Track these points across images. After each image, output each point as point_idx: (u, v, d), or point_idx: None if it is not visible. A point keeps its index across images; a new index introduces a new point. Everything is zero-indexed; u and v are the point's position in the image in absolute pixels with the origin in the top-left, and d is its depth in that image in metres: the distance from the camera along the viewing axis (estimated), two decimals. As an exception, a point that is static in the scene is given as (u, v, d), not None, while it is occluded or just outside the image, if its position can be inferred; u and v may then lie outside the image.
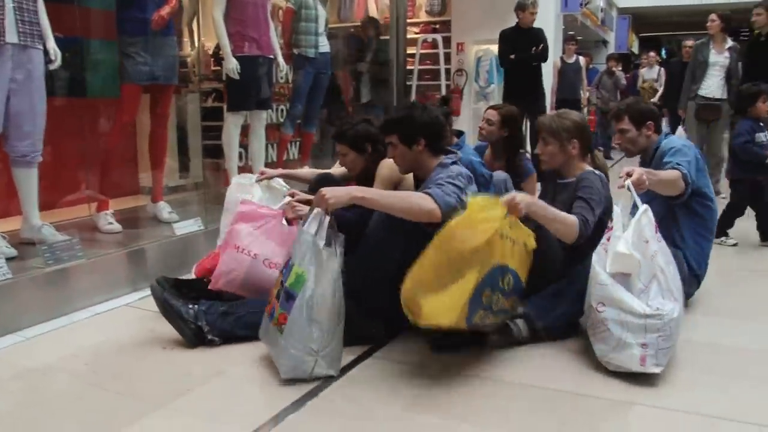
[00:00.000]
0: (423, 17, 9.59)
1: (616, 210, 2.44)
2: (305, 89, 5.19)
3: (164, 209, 4.00)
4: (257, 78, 4.62)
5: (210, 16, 4.33)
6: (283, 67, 4.87)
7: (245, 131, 4.78)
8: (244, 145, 4.95)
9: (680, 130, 6.71)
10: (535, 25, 6.46)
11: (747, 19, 6.16)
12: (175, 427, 2.03)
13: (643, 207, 2.41)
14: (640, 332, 2.23)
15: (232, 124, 4.65)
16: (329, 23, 5.53)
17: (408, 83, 7.72)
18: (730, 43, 6.19)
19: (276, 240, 2.79)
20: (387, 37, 6.45)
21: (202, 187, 5.03)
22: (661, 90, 9.74)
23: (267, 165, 4.95)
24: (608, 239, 2.39)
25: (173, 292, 2.62)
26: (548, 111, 9.16)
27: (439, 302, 2.16)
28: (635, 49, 16.09)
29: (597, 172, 2.80)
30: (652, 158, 3.07)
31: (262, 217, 2.82)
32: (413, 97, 8.47)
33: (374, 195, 2.33)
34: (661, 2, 14.60)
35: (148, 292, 3.16)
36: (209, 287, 2.77)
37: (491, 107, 3.92)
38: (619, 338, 2.27)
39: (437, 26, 9.46)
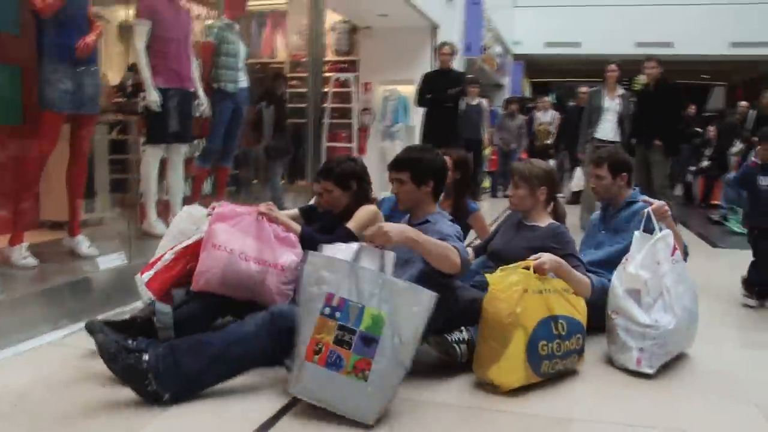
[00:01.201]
0: (331, 56, 9.75)
1: (636, 234, 2.90)
2: (224, 124, 5.15)
3: (83, 243, 3.84)
4: (178, 111, 4.57)
5: (112, 49, 4.25)
6: (203, 101, 4.84)
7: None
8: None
9: (579, 171, 7.14)
10: (427, 68, 6.72)
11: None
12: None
13: (663, 233, 2.87)
14: (639, 339, 2.72)
15: (151, 157, 4.58)
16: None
17: (321, 121, 7.80)
18: (621, 90, 6.70)
19: (252, 235, 2.86)
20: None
21: (116, 222, 4.88)
22: (554, 132, 10.33)
23: (184, 200, 4.88)
24: (627, 259, 2.85)
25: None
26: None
27: (502, 370, 2.47)
28: (528, 93, 16.97)
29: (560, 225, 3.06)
30: (620, 209, 3.34)
31: (239, 215, 2.90)
32: (325, 135, 8.55)
33: (423, 239, 2.39)
34: (550, 51, 15.56)
35: (73, 329, 3.06)
36: (191, 288, 2.79)
37: (443, 153, 4.10)
38: (624, 342, 2.76)
39: (345, 65, 9.64)
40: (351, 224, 3.07)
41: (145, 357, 2.30)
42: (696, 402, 2.55)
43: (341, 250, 2.35)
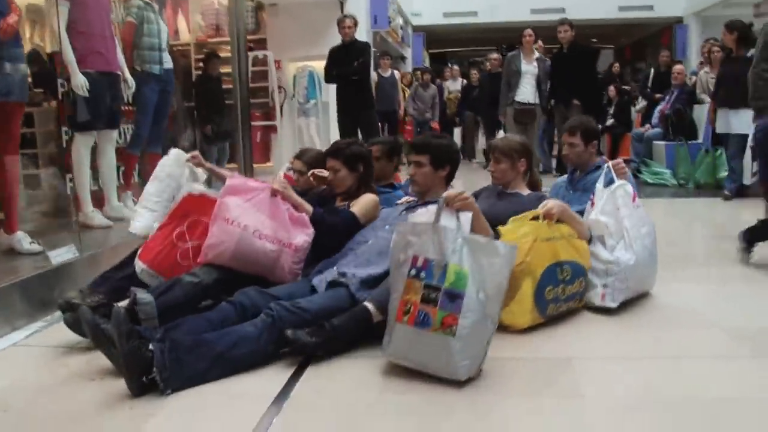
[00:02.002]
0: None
1: (597, 186, 3.09)
2: (151, 107, 4.95)
3: (24, 240, 3.59)
4: (106, 95, 4.37)
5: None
6: (131, 84, 4.62)
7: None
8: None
9: (501, 134, 7.36)
10: (338, 42, 6.69)
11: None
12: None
13: (620, 182, 3.06)
14: (603, 275, 2.93)
15: (81, 146, 4.36)
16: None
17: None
18: (537, 54, 6.93)
19: (266, 212, 2.82)
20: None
21: (42, 218, 4.59)
22: None
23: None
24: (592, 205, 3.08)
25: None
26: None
27: (512, 314, 2.64)
28: (427, 64, 17.19)
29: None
30: (588, 173, 3.49)
31: (252, 190, 2.86)
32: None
33: (480, 213, 2.57)
34: (449, 21, 15.82)
35: (34, 328, 2.89)
36: (198, 260, 2.79)
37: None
38: (590, 280, 2.96)
39: (252, 45, 9.39)
40: (354, 209, 3.09)
41: (150, 347, 2.21)
42: (671, 333, 2.75)
43: (422, 214, 2.41)
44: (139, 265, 2.88)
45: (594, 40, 19.40)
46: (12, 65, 3.44)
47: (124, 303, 2.70)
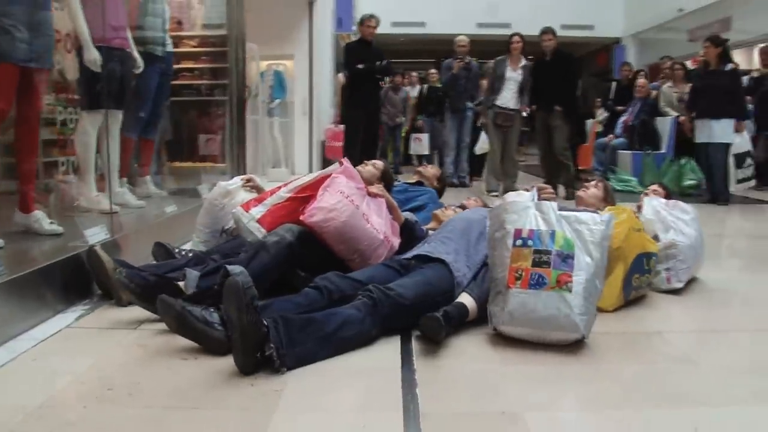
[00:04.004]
0: (200, 31, 9.18)
1: (645, 198, 3.40)
2: (152, 90, 4.70)
3: (43, 220, 3.30)
4: (118, 72, 4.12)
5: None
6: (140, 63, 4.36)
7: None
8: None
9: (483, 136, 7.39)
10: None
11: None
12: (324, 424, 1.80)
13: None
14: (664, 260, 3.07)
15: (89, 125, 4.07)
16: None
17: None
18: (524, 62, 7.02)
19: (371, 205, 2.89)
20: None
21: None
22: None
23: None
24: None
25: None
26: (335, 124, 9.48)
27: (603, 296, 2.58)
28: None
29: None
30: None
31: (360, 182, 2.93)
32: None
33: None
34: (396, 30, 15.89)
35: (77, 312, 2.75)
36: (300, 218, 2.72)
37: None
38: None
39: (216, 41, 9.12)
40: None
41: (265, 322, 2.07)
42: (738, 310, 3.06)
43: (513, 196, 2.57)
44: (259, 230, 2.83)
45: (530, 57, 20.02)
46: (40, 29, 3.15)
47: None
